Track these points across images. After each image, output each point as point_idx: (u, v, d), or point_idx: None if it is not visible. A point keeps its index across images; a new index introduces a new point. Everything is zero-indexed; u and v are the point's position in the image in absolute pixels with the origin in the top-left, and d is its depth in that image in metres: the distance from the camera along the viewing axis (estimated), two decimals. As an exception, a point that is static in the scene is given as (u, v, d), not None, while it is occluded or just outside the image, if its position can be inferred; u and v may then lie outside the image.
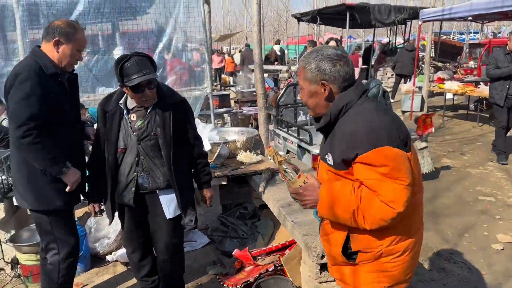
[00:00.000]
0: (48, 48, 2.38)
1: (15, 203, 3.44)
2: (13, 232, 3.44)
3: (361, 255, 1.62)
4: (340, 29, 16.85)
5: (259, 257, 3.13)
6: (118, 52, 6.83)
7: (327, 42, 7.67)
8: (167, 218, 2.56)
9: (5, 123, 4.93)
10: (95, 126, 2.94)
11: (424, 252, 3.64)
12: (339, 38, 14.52)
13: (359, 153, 1.47)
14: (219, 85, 14.95)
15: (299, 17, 14.86)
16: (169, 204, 2.56)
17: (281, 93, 5.55)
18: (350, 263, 1.65)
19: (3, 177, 3.43)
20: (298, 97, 5.48)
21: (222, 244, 3.70)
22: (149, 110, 2.44)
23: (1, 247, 3.39)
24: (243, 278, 3.03)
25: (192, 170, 2.74)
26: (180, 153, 2.53)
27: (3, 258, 3.40)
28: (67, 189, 2.43)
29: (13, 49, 5.76)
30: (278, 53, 13.96)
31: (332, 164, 1.60)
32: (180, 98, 2.57)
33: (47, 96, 2.29)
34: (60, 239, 2.53)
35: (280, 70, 13.23)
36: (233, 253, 3.27)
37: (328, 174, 1.65)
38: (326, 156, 1.63)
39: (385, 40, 19.76)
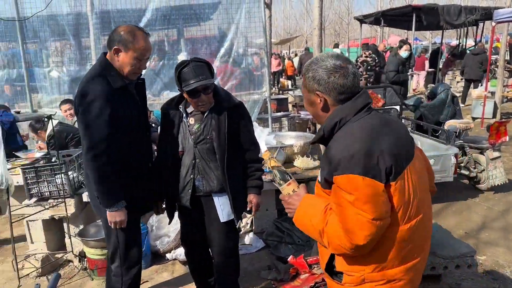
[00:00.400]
0: (110, 56, 2.34)
1: (84, 199, 3.68)
2: (81, 226, 3.67)
3: (345, 277, 1.55)
4: (405, 31, 16.21)
5: (315, 266, 3.07)
6: (182, 57, 7.09)
7: (401, 47, 7.31)
8: (221, 221, 2.58)
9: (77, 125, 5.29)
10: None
11: (494, 269, 3.37)
12: (404, 40, 13.98)
13: (335, 174, 1.44)
14: (277, 89, 14.98)
15: (362, 19, 14.53)
16: (223, 207, 2.58)
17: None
18: (336, 281, 1.59)
19: (74, 175, 3.68)
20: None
21: (277, 249, 3.68)
22: (206, 114, 2.48)
23: (71, 241, 3.63)
24: (298, 286, 2.99)
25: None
26: (235, 157, 2.53)
27: (72, 251, 3.63)
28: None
29: (87, 54, 6.19)
30: (339, 56, 13.76)
31: (319, 181, 1.57)
32: (236, 102, 2.57)
33: (115, 112, 2.28)
34: (123, 249, 2.53)
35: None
36: (288, 259, 3.24)
37: (317, 189, 1.62)
38: (319, 171, 1.60)
39: (454, 42, 18.71)
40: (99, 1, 5.84)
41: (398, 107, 5.45)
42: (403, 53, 7.04)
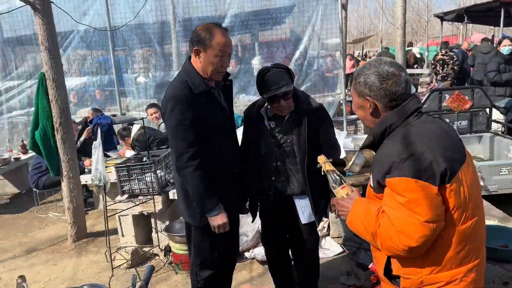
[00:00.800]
0: (193, 59, 2.29)
1: (170, 197, 3.91)
2: (167, 222, 3.89)
3: (403, 281, 1.55)
4: (492, 27, 15.04)
5: (398, 274, 2.96)
6: (256, 62, 7.24)
7: (499, 42, 6.58)
8: (302, 223, 2.59)
9: (162, 127, 5.65)
10: (238, 130, 3.14)
11: None
12: (490, 37, 12.96)
13: (387, 177, 1.46)
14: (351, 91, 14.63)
15: (442, 16, 13.78)
16: (304, 209, 2.59)
17: (424, 99, 5.18)
18: (395, 286, 1.60)
19: (162, 173, 3.92)
20: (444, 104, 5.05)
21: (356, 255, 3.61)
22: (286, 118, 2.51)
23: (158, 235, 3.87)
24: (379, 293, 2.91)
25: None
26: (316, 160, 2.53)
27: (159, 245, 3.87)
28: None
29: (170, 61, 6.57)
30: (417, 55, 13.08)
31: (372, 186, 1.60)
32: (315, 105, 2.55)
33: (198, 117, 2.24)
34: (199, 254, 2.52)
35: (421, 74, 12.38)
36: (369, 266, 3.16)
37: (368, 193, 1.65)
38: (370, 176, 1.62)
39: (550, 37, 16.96)
40: (182, 10, 6.18)
41: (487, 110, 5.07)
42: (504, 48, 6.24)
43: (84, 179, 4.67)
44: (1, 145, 6.98)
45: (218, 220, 2.31)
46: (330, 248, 3.81)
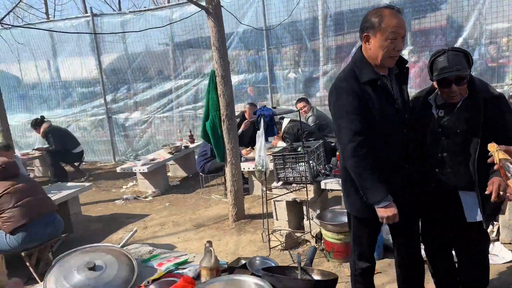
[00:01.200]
0: (363, 47, 2.22)
1: (322, 186, 4.03)
2: (318, 211, 4.03)
3: None
4: None
5: None
6: (404, 52, 6.86)
7: None
8: (467, 221, 2.40)
9: (310, 120, 5.82)
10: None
11: None
12: None
13: None
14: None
15: None
16: (470, 206, 2.39)
17: None
18: None
19: (313, 164, 4.06)
20: None
21: (532, 264, 3.18)
22: (458, 105, 2.35)
23: (309, 222, 4.02)
24: None
25: None
26: (488, 153, 2.31)
27: (310, 232, 4.02)
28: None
29: (320, 56, 6.69)
30: None
31: None
32: (494, 93, 2.33)
33: (364, 108, 2.18)
34: (357, 245, 2.50)
35: None
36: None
37: None
38: None
39: None
40: (334, 4, 6.23)
41: None
42: None
43: (242, 166, 5.13)
44: (173, 135, 8.12)
45: (387, 211, 2.20)
46: (499, 255, 3.43)
